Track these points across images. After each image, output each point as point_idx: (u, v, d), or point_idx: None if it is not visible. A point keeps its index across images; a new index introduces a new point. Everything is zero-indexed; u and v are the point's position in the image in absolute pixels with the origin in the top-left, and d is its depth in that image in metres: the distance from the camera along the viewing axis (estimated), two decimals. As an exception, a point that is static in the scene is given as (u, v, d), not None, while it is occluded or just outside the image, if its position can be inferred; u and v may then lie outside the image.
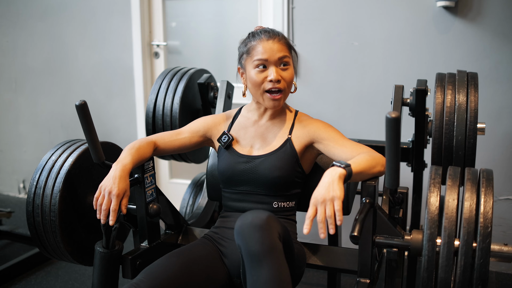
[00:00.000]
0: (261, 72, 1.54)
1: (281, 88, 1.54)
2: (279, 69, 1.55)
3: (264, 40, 1.55)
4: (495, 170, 2.58)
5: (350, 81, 2.85)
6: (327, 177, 1.29)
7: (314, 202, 1.27)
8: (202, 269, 1.50)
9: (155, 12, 3.44)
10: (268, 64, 1.54)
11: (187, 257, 1.50)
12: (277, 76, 1.53)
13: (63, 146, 1.72)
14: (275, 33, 1.57)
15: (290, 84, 1.58)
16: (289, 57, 1.56)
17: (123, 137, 3.58)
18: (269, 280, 1.23)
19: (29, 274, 2.76)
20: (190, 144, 1.72)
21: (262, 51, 1.53)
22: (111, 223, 1.46)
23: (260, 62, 1.54)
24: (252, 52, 1.56)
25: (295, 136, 1.60)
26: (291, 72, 1.56)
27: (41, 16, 3.73)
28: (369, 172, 1.39)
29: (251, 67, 1.56)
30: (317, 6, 2.85)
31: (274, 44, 1.54)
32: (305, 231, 1.22)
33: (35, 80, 3.90)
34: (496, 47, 2.52)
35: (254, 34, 1.60)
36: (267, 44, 1.54)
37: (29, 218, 1.65)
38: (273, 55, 1.53)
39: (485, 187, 1.22)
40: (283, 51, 1.55)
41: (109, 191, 1.46)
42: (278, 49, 1.54)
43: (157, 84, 2.35)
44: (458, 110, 1.68)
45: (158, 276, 1.40)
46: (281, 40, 1.56)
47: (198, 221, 2.07)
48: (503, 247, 1.26)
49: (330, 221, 1.24)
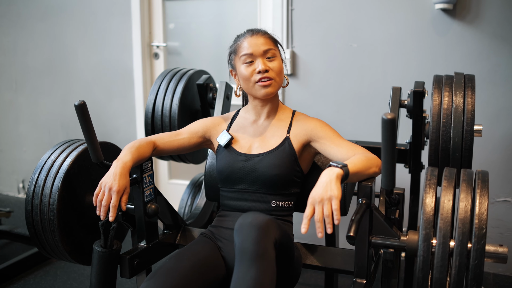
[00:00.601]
0: (249, 66, 1.60)
1: (270, 77, 1.59)
2: (266, 60, 1.60)
3: (247, 37, 1.62)
4: (493, 172, 2.59)
5: (349, 83, 2.86)
6: (324, 177, 1.30)
7: (311, 202, 1.28)
8: (209, 268, 1.52)
9: (155, 13, 3.45)
10: (255, 58, 1.60)
11: (196, 257, 1.51)
12: (264, 66, 1.58)
13: (62, 146, 1.73)
14: (258, 30, 1.65)
15: (279, 74, 1.61)
16: (274, 50, 1.62)
17: (122, 138, 3.59)
18: (252, 280, 1.24)
19: (27, 273, 2.77)
20: (189, 145, 1.73)
21: (247, 46, 1.60)
22: (111, 219, 1.47)
23: (246, 56, 1.60)
24: (239, 50, 1.63)
25: (294, 135, 1.62)
26: (278, 62, 1.61)
27: (42, 16, 3.75)
28: (365, 173, 1.41)
29: (240, 64, 1.62)
30: (316, 8, 2.86)
31: (258, 39, 1.61)
32: (303, 231, 1.23)
33: (35, 80, 3.91)
34: (494, 50, 2.54)
35: (239, 35, 1.68)
36: (251, 40, 1.61)
37: (28, 217, 1.65)
38: (258, 48, 1.59)
39: (481, 188, 1.23)
40: (268, 44, 1.61)
41: (110, 187, 1.47)
42: (262, 43, 1.60)
43: (156, 84, 2.36)
44: (455, 112, 1.69)
45: (171, 281, 1.39)
46: (265, 35, 1.63)
47: (196, 221, 2.08)
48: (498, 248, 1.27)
49: (328, 220, 1.25)
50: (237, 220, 1.36)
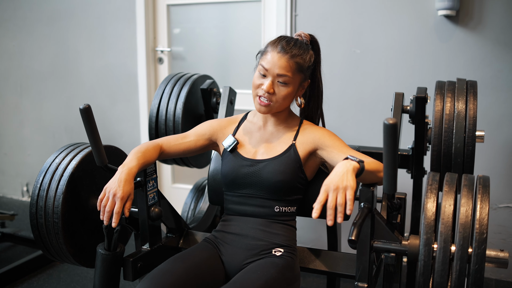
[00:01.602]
0: (260, 78, 1.58)
1: (270, 100, 1.57)
2: (277, 83, 1.56)
3: (275, 51, 1.55)
4: (496, 177, 2.59)
5: (352, 88, 2.88)
6: (341, 167, 1.32)
7: (326, 189, 1.30)
8: (205, 272, 1.53)
9: (159, 18, 3.48)
10: (267, 75, 1.56)
11: (192, 260, 1.53)
12: (269, 89, 1.55)
13: (66, 149, 1.75)
14: (290, 50, 1.55)
15: (282, 100, 1.58)
16: (289, 78, 1.55)
17: (126, 142, 3.61)
18: None
19: (31, 276, 2.78)
20: (195, 147, 1.73)
21: (268, 61, 1.55)
22: (114, 225, 1.48)
23: (262, 69, 1.57)
24: (263, 56, 1.59)
25: (300, 143, 1.63)
26: (287, 91, 1.56)
27: (47, 21, 3.78)
28: (375, 175, 1.43)
29: (257, 68, 1.61)
30: (320, 14, 2.88)
31: (281, 60, 1.54)
32: (314, 215, 1.26)
33: (40, 84, 3.94)
34: (497, 56, 2.54)
35: (275, 41, 1.60)
36: (275, 57, 1.54)
37: (32, 219, 1.67)
38: (273, 69, 1.54)
39: (482, 193, 1.24)
40: (285, 70, 1.54)
41: (114, 193, 1.48)
42: (281, 66, 1.53)
43: (161, 89, 2.38)
44: (457, 118, 1.70)
45: (165, 281, 1.42)
46: (291, 59, 1.54)
47: (199, 225, 2.09)
48: (499, 253, 1.27)
49: (340, 209, 1.27)
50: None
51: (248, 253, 1.57)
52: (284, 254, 1.57)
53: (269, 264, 1.51)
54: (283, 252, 1.57)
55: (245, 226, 1.62)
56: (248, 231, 1.60)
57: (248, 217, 1.63)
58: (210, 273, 1.54)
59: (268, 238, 1.58)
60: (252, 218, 1.62)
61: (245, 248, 1.58)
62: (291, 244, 1.61)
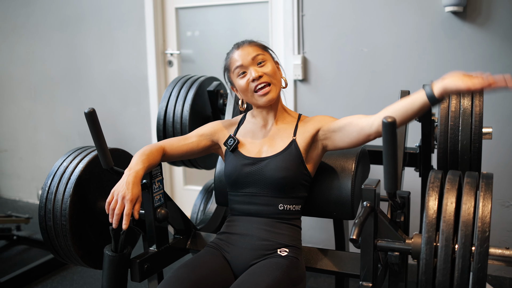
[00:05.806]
0: (243, 78, 1.63)
1: (266, 81, 1.61)
2: (257, 67, 1.62)
3: (235, 51, 1.66)
4: (505, 175, 2.56)
5: (360, 87, 2.86)
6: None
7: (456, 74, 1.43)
8: (220, 278, 1.54)
9: (168, 22, 3.50)
10: (246, 68, 1.62)
11: (205, 266, 1.54)
12: (256, 73, 1.60)
13: (74, 153, 1.77)
14: (243, 41, 1.68)
15: (274, 76, 1.63)
16: (263, 54, 1.64)
17: (138, 145, 3.64)
18: None
19: (45, 278, 2.83)
20: (197, 148, 1.75)
21: (236, 59, 1.64)
22: (124, 227, 1.49)
23: (238, 69, 1.63)
24: (230, 65, 1.66)
25: (300, 136, 1.64)
26: (269, 66, 1.63)
27: (59, 27, 3.83)
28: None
29: (235, 78, 1.65)
30: (327, 13, 2.87)
31: (244, 49, 1.64)
32: None
33: (53, 89, 4.00)
34: (506, 52, 2.51)
35: (228, 52, 1.71)
36: (239, 52, 1.64)
37: (41, 222, 1.70)
38: (246, 58, 1.62)
39: (484, 190, 1.23)
40: (255, 51, 1.63)
41: (123, 196, 1.50)
42: (248, 52, 1.63)
43: (168, 91, 2.40)
44: (463, 115, 1.69)
45: None
46: (251, 43, 1.66)
47: (207, 226, 2.10)
48: (505, 251, 1.26)
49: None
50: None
51: (254, 253, 1.57)
52: (289, 254, 1.57)
53: (274, 265, 1.51)
54: (288, 252, 1.57)
55: (250, 226, 1.62)
56: (253, 231, 1.61)
57: (253, 217, 1.63)
58: (224, 279, 1.55)
59: (273, 238, 1.59)
60: (257, 218, 1.62)
61: (251, 248, 1.58)
62: (296, 244, 1.61)
